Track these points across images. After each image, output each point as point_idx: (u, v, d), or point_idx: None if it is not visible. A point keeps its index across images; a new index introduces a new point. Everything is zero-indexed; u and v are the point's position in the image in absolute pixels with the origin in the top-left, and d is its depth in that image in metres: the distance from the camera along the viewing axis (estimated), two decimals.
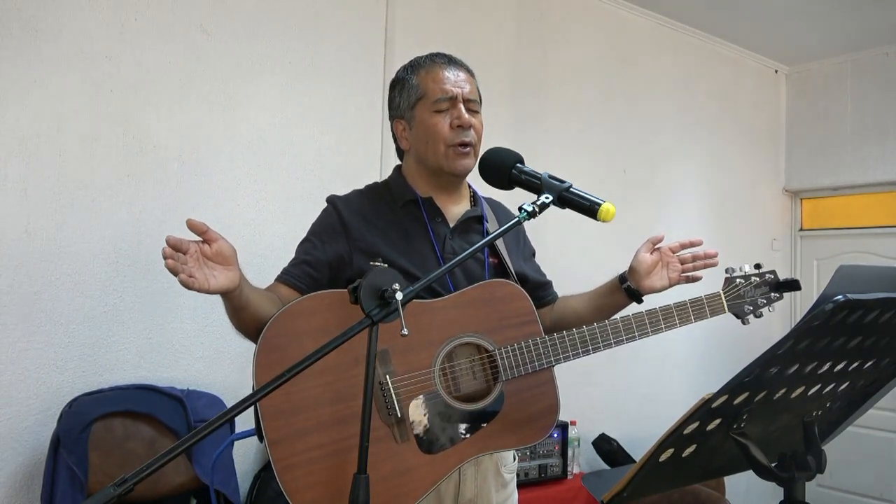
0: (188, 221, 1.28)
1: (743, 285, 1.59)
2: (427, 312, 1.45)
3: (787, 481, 1.14)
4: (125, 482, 0.89)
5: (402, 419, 1.40)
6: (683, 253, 1.59)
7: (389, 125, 1.66)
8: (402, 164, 1.66)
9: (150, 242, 2.38)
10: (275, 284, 1.52)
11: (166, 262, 1.25)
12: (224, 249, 1.30)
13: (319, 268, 1.51)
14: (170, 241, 1.26)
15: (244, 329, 1.41)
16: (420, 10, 3.09)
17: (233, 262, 1.32)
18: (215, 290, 1.29)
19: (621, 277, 1.60)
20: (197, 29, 2.52)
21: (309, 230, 1.59)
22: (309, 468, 1.33)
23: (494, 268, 1.60)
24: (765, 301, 1.59)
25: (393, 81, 1.64)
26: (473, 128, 1.55)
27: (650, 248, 1.58)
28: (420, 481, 1.40)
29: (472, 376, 1.48)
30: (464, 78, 1.57)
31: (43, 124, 2.21)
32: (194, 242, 1.29)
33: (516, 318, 1.50)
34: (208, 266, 1.29)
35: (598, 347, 1.51)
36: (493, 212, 1.68)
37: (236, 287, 1.32)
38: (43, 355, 2.19)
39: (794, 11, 3.92)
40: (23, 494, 2.15)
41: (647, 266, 1.56)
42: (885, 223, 4.47)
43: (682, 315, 1.54)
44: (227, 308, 1.38)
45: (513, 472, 1.65)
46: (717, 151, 4.36)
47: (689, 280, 1.60)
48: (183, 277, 1.25)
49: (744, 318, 1.60)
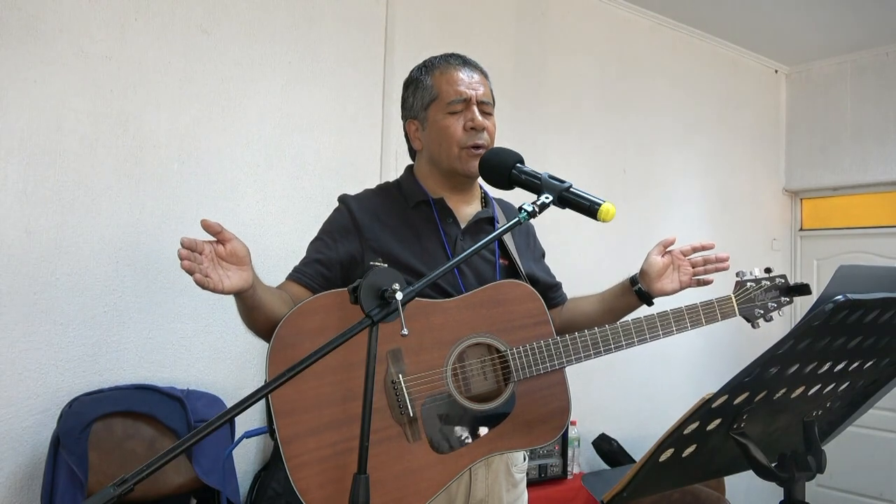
0: (203, 221, 1.27)
1: (754, 289, 1.59)
2: (439, 312, 1.45)
3: (787, 481, 1.14)
4: (125, 482, 0.89)
5: (415, 418, 1.40)
6: (695, 256, 1.59)
7: (402, 125, 1.66)
8: (415, 165, 1.66)
9: (150, 242, 2.38)
10: (286, 283, 1.52)
11: (182, 262, 1.24)
12: (238, 250, 1.30)
13: (331, 267, 1.51)
14: (185, 242, 1.26)
15: (256, 328, 1.41)
16: (420, 11, 3.09)
17: (246, 262, 1.32)
18: (229, 291, 1.29)
19: (632, 280, 1.60)
20: (197, 29, 2.52)
21: (321, 229, 1.58)
22: (320, 466, 1.33)
23: (505, 269, 1.60)
24: (775, 305, 1.59)
25: (406, 81, 1.63)
26: (487, 130, 1.55)
27: (661, 250, 1.58)
28: (431, 481, 1.40)
29: (483, 377, 1.48)
30: (478, 80, 1.57)
31: (43, 124, 2.21)
32: (208, 243, 1.29)
33: (528, 319, 1.50)
34: (222, 266, 1.29)
35: (610, 349, 1.51)
36: (503, 213, 1.68)
37: (250, 287, 1.32)
38: (43, 355, 2.19)
39: (794, 11, 3.92)
40: (23, 494, 2.15)
41: (658, 269, 1.56)
42: (885, 223, 4.46)
43: (694, 318, 1.54)
44: (240, 307, 1.38)
45: (523, 471, 1.64)
46: (717, 151, 4.36)
47: (700, 284, 1.60)
48: (199, 277, 1.24)
49: (754, 321, 1.60)
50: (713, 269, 1.59)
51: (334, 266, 1.51)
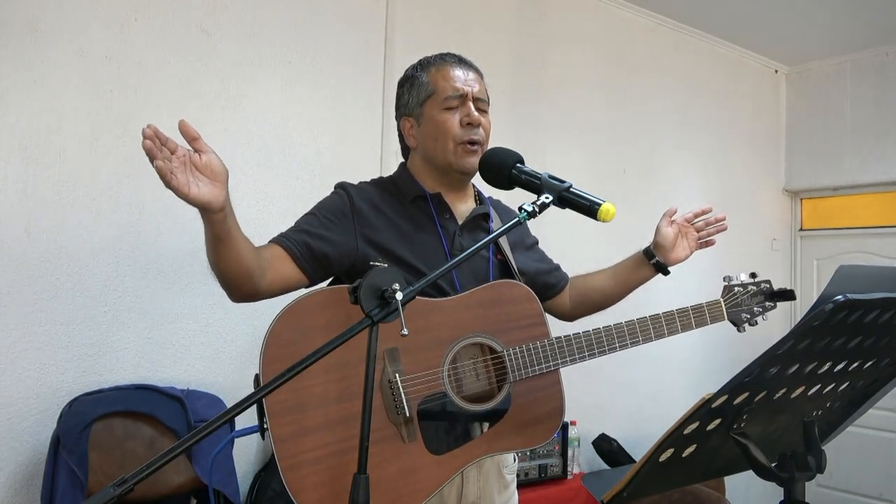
0: (181, 122, 1.18)
1: (741, 294, 1.67)
2: (437, 311, 1.44)
3: (787, 481, 1.14)
4: (125, 482, 0.89)
5: (411, 418, 1.39)
6: (697, 221, 1.74)
7: (396, 124, 1.66)
8: (408, 162, 1.66)
9: (150, 242, 2.37)
10: (268, 244, 1.47)
11: (144, 142, 1.15)
12: (214, 164, 1.22)
13: (319, 240, 1.47)
14: (152, 126, 1.16)
15: (220, 267, 1.33)
16: (420, 11, 3.09)
17: (221, 181, 1.23)
18: (196, 200, 1.20)
19: (647, 253, 1.72)
20: (197, 29, 2.52)
21: (315, 206, 1.55)
22: (314, 467, 1.32)
23: (499, 265, 1.61)
24: (760, 310, 1.68)
25: (402, 80, 1.64)
26: (482, 126, 1.56)
27: (669, 221, 1.72)
28: (427, 481, 1.39)
29: (476, 377, 1.48)
30: (473, 77, 1.59)
31: (43, 124, 2.21)
32: (183, 147, 1.20)
33: (524, 320, 1.50)
34: (194, 175, 1.20)
35: (605, 351, 1.53)
36: (496, 210, 1.69)
37: (220, 208, 1.24)
38: (43, 355, 2.19)
39: (794, 11, 3.92)
40: (23, 494, 2.15)
41: (671, 239, 1.70)
42: (885, 223, 4.46)
43: (684, 321, 1.60)
44: (207, 235, 1.30)
45: (513, 472, 1.65)
46: (717, 151, 4.36)
47: (705, 245, 1.74)
48: (161, 164, 1.15)
49: (740, 325, 1.68)
50: (714, 231, 1.75)
51: (322, 241, 1.47)
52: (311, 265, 1.46)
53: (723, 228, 1.75)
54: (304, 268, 1.46)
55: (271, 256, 1.43)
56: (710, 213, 1.75)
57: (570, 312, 1.82)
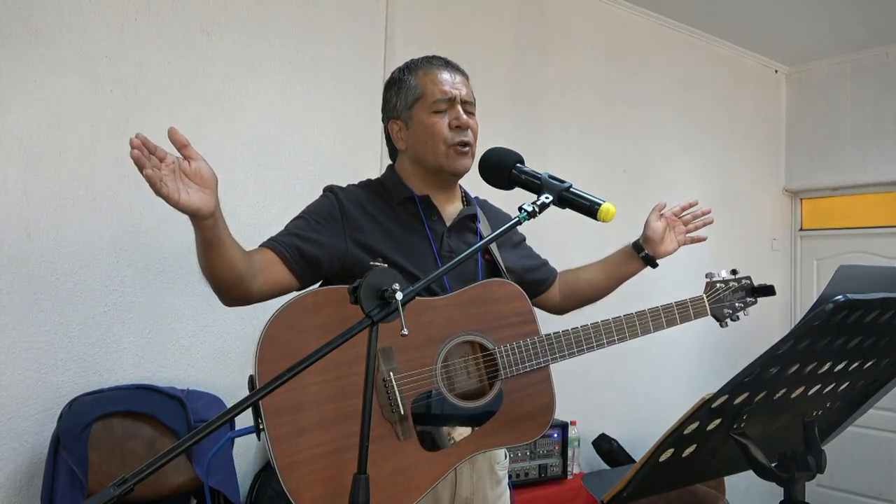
0: (170, 130, 1.19)
1: (723, 290, 1.70)
2: (428, 310, 1.45)
3: (787, 481, 1.14)
4: (125, 482, 0.89)
5: (405, 416, 1.40)
6: (685, 215, 1.77)
7: (383, 126, 1.67)
8: (396, 164, 1.67)
9: (150, 242, 2.38)
10: (258, 248, 1.47)
11: (132, 152, 1.16)
12: (204, 171, 1.24)
13: (310, 243, 1.48)
14: (140, 136, 1.17)
15: (211, 271, 1.34)
16: (420, 11, 3.09)
17: (211, 187, 1.25)
18: (186, 207, 1.21)
19: (636, 246, 1.74)
20: (197, 29, 2.52)
21: (304, 209, 1.56)
22: (311, 466, 1.33)
23: (487, 264, 1.62)
24: (741, 305, 1.71)
25: (388, 83, 1.65)
26: (471, 128, 1.58)
27: (658, 216, 1.74)
28: (421, 479, 1.40)
29: (467, 375, 1.49)
30: (460, 80, 1.60)
31: (43, 124, 2.21)
32: (172, 155, 1.22)
33: (514, 318, 1.52)
34: (184, 182, 1.22)
35: (592, 347, 1.56)
36: (483, 210, 1.71)
37: (210, 214, 1.25)
38: (43, 355, 2.19)
39: (794, 11, 3.92)
40: (23, 494, 2.15)
41: (660, 233, 1.73)
42: (885, 223, 4.46)
43: (669, 317, 1.63)
44: (198, 241, 1.31)
45: (505, 469, 1.66)
46: (717, 151, 4.36)
47: (693, 241, 1.78)
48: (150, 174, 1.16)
49: (723, 320, 1.71)
50: (701, 224, 1.78)
51: (312, 245, 1.48)
52: (301, 268, 1.47)
53: (709, 221, 1.78)
54: (295, 271, 1.47)
55: (262, 260, 1.43)
56: (696, 206, 1.79)
57: (560, 306, 1.84)
